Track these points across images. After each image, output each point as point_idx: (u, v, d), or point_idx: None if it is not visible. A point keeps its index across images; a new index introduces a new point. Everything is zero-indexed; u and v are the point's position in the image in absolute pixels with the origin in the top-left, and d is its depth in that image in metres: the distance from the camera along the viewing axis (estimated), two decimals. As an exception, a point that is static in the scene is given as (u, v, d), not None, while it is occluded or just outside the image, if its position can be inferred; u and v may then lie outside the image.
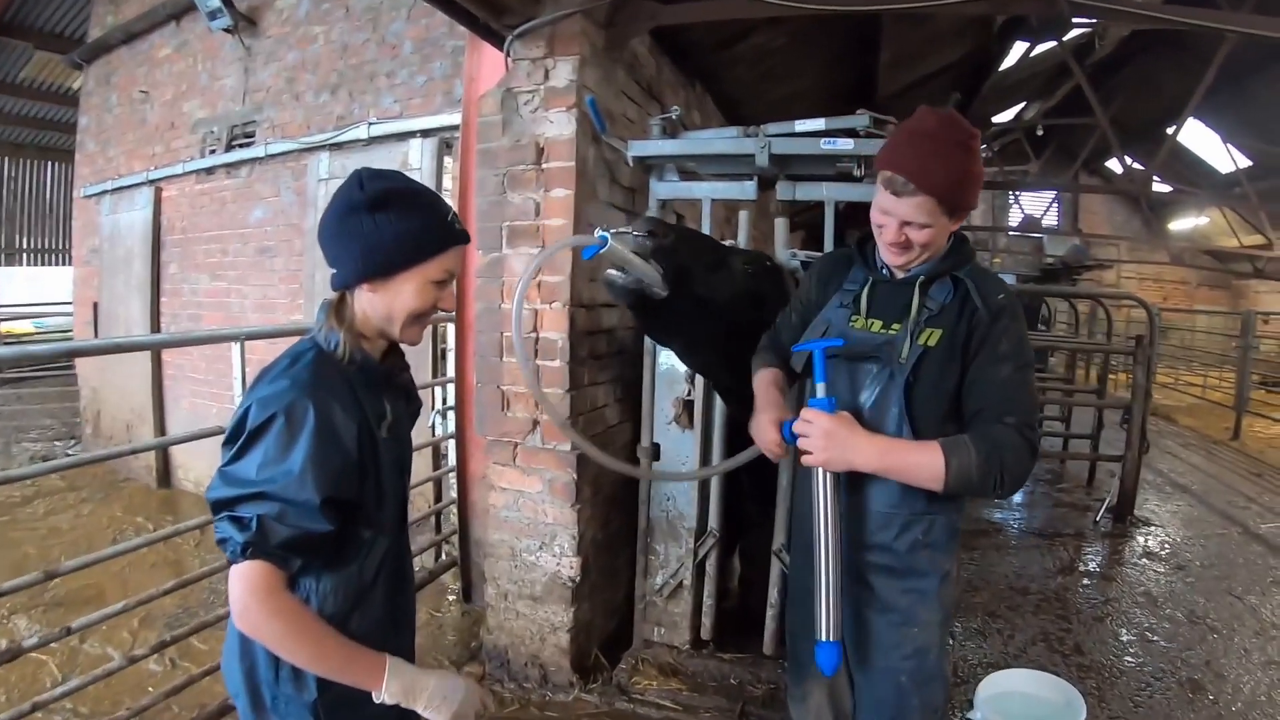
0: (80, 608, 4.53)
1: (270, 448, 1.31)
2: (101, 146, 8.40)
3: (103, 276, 8.29)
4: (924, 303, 1.76)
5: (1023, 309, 1.81)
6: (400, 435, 1.59)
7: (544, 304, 3.08)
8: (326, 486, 1.32)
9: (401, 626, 1.64)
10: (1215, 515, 6.08)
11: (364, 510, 1.45)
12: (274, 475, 1.30)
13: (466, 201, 3.75)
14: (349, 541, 1.45)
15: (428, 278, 1.44)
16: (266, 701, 1.45)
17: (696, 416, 3.19)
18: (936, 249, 1.76)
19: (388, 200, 1.40)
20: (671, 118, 3.17)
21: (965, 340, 1.71)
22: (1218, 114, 11.92)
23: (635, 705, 3.12)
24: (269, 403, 1.33)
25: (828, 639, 1.71)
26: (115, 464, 7.90)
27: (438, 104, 5.14)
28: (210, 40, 6.80)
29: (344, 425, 1.37)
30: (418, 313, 1.47)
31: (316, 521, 1.32)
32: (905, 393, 1.71)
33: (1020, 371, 1.69)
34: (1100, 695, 3.31)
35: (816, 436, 1.67)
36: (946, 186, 1.66)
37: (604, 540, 3.42)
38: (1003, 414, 1.65)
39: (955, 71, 7.63)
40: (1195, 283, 17.98)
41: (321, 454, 1.32)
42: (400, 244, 1.40)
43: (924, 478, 1.64)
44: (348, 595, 1.46)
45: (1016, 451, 1.62)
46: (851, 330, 1.83)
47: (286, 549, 1.31)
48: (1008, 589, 4.46)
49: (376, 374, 1.50)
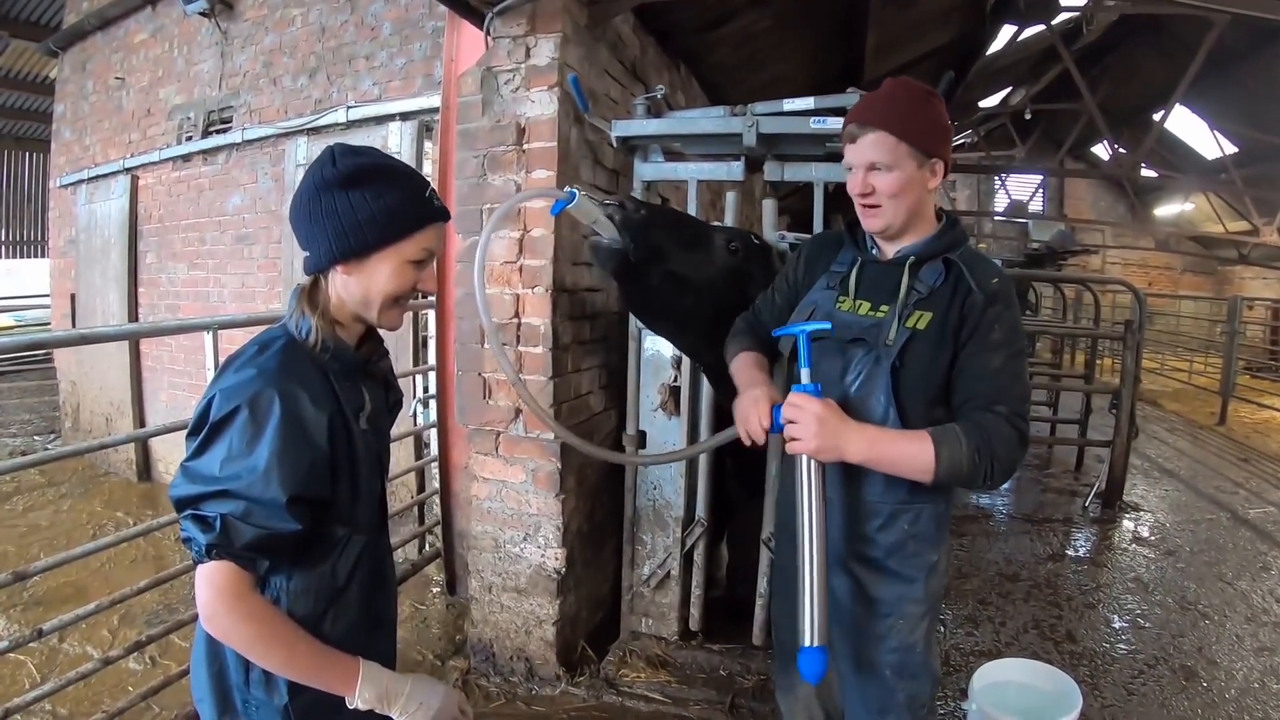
0: (59, 606, 4.47)
1: (234, 442, 1.24)
2: (78, 135, 8.27)
3: (80, 267, 8.17)
4: (913, 284, 1.70)
5: (1016, 294, 1.75)
6: (380, 427, 1.53)
7: (526, 289, 3.01)
8: (293, 484, 1.25)
9: (380, 628, 1.57)
10: (1203, 500, 6.09)
11: (337, 507, 1.38)
12: (238, 472, 1.23)
13: (446, 184, 3.67)
14: (321, 540, 1.38)
15: (405, 257, 1.36)
16: (237, 705, 1.38)
17: (683, 403, 3.13)
18: (910, 205, 1.70)
19: (362, 176, 1.32)
20: (656, 97, 3.10)
21: (957, 325, 1.65)
22: (1204, 100, 11.93)
23: (623, 698, 3.07)
24: (232, 394, 1.25)
25: (812, 644, 1.62)
26: (95, 458, 7.84)
27: (418, 86, 5.05)
28: (186, 24, 6.69)
29: (313, 418, 1.29)
30: (396, 295, 1.39)
31: (283, 521, 1.25)
32: (892, 377, 1.66)
33: (1012, 360, 1.64)
34: (1094, 683, 3.29)
35: (808, 422, 1.59)
36: (900, 121, 1.64)
37: (589, 531, 3.36)
38: (993, 402, 1.60)
39: (942, 56, 7.60)
40: (1180, 268, 18.09)
41: (288, 449, 1.25)
42: (376, 222, 1.32)
43: (913, 469, 1.59)
44: (319, 596, 1.39)
45: (1007, 442, 1.57)
46: (838, 312, 1.78)
47: (252, 550, 1.24)
48: (998, 576, 4.44)
49: (352, 362, 1.42)
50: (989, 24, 7.26)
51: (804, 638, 1.63)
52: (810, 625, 1.62)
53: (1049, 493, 6.19)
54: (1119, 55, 11.91)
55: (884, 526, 1.76)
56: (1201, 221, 16.09)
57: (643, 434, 3.25)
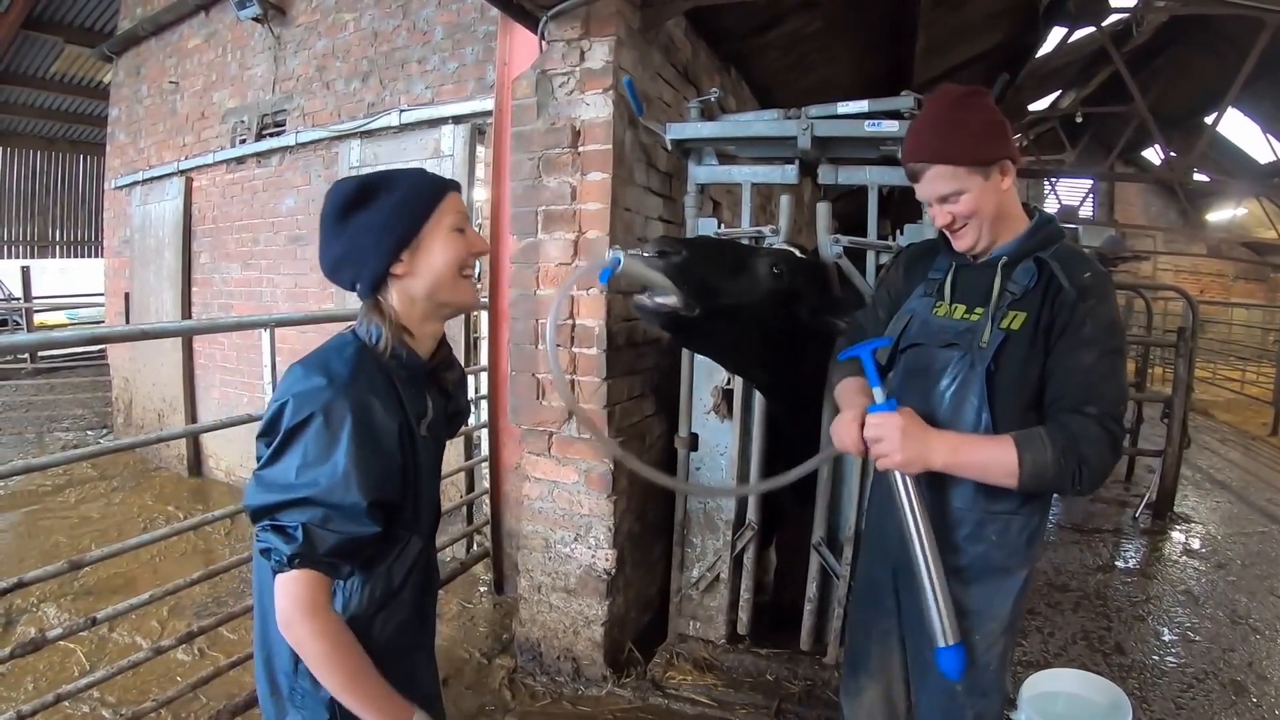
0: (109, 596, 4.56)
1: (310, 449, 1.26)
2: (132, 138, 8.45)
3: (134, 267, 8.35)
4: (1006, 285, 1.68)
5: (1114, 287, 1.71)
6: (438, 435, 1.56)
7: (580, 290, 3.02)
8: (372, 489, 1.27)
9: (425, 625, 1.62)
10: (1255, 513, 5.93)
11: (402, 512, 1.41)
12: (316, 478, 1.25)
13: (500, 187, 3.71)
14: (385, 543, 1.40)
15: (446, 226, 1.40)
16: (284, 691, 1.42)
17: (736, 406, 3.12)
18: (992, 215, 1.68)
19: (366, 188, 1.37)
20: (710, 100, 3.11)
21: (1049, 325, 1.62)
22: (1257, 102, 11.69)
23: (669, 700, 3.07)
24: (306, 400, 1.27)
25: (946, 644, 1.64)
26: (146, 453, 8.00)
27: (470, 90, 5.09)
28: (239, 29, 6.82)
29: (384, 424, 1.32)
30: (457, 262, 1.41)
31: (363, 525, 1.27)
32: (986, 380, 1.64)
33: (1105, 358, 1.59)
34: (1142, 696, 3.23)
35: (891, 438, 1.59)
36: (948, 148, 1.64)
37: (640, 532, 3.37)
38: (1083, 403, 1.56)
39: (992, 59, 7.52)
40: (1232, 275, 17.69)
41: (364, 454, 1.27)
42: (407, 206, 1.37)
43: (997, 474, 1.56)
44: (374, 596, 1.42)
45: (1096, 445, 1.53)
46: (934, 318, 1.78)
47: (335, 555, 1.27)
48: (1047, 586, 4.36)
49: (420, 370, 1.45)
50: (1039, 26, 7.15)
51: (939, 638, 1.64)
52: (941, 626, 1.64)
53: (1099, 503, 6.06)
54: (1170, 57, 11.69)
55: (971, 536, 1.74)
56: (1254, 227, 15.76)
57: (695, 437, 3.25)
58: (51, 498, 6.90)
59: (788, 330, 2.49)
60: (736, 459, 3.15)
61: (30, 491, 6.96)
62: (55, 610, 4.60)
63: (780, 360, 2.63)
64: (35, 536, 6.00)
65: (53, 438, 9.24)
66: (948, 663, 1.64)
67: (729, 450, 3.18)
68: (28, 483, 7.05)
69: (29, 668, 3.77)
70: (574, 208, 3.02)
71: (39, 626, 4.22)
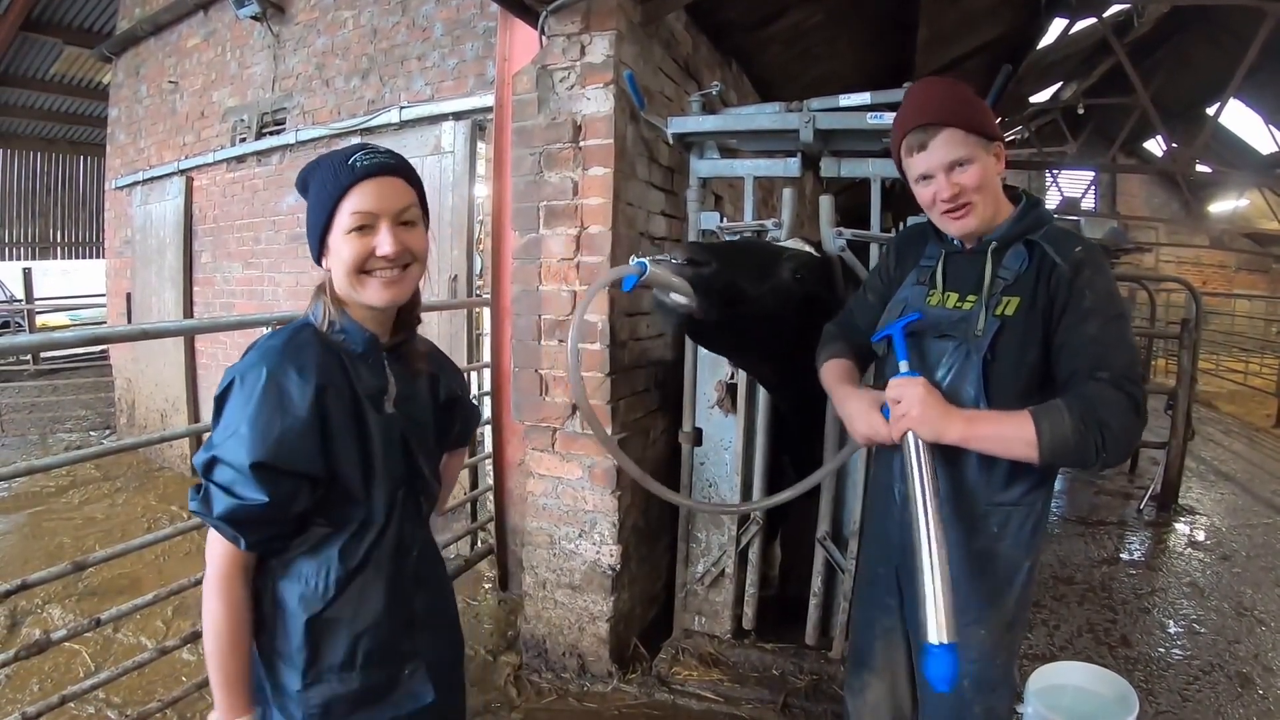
0: (114, 597, 4.55)
1: (228, 413, 1.31)
2: (132, 138, 8.45)
3: (135, 267, 8.35)
4: (997, 271, 1.66)
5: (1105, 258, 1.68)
6: (412, 412, 1.52)
7: (583, 285, 3.02)
8: (260, 449, 1.27)
9: (423, 628, 1.54)
10: (1260, 504, 5.92)
11: (340, 486, 1.38)
12: (223, 439, 1.29)
13: (502, 182, 3.70)
14: (325, 521, 1.39)
15: (343, 229, 1.37)
16: (268, 692, 1.45)
17: (740, 401, 3.12)
18: (993, 193, 1.67)
19: (306, 178, 1.43)
20: (711, 94, 3.10)
21: (1047, 305, 1.59)
22: (1259, 93, 11.67)
23: (675, 696, 3.06)
24: (233, 370, 1.34)
25: (938, 641, 1.43)
26: (149, 453, 7.99)
27: (470, 86, 5.08)
28: (238, 28, 6.81)
29: (297, 386, 1.31)
30: (352, 266, 1.38)
31: (250, 488, 1.27)
32: (983, 369, 1.62)
33: (1110, 324, 1.55)
34: (1148, 688, 3.23)
35: (911, 399, 1.57)
36: (961, 113, 1.63)
37: (644, 527, 3.36)
38: (1095, 370, 1.51)
39: (993, 50, 7.50)
40: (1234, 266, 17.66)
41: (263, 416, 1.28)
42: (313, 210, 1.40)
43: (1017, 448, 1.51)
44: (324, 579, 1.39)
45: (1115, 406, 1.47)
46: (928, 307, 1.75)
47: (226, 521, 1.28)
48: (1052, 578, 4.36)
49: (372, 345, 1.45)
50: (1041, 17, 7.14)
51: (929, 633, 1.45)
52: (935, 619, 1.45)
53: (1103, 495, 6.06)
54: (1171, 48, 11.69)
55: (974, 529, 1.72)
56: (1256, 218, 15.74)
57: (699, 431, 3.24)
58: (55, 499, 6.90)
59: (804, 332, 2.49)
60: (741, 453, 3.14)
61: (34, 493, 6.96)
62: (60, 611, 4.61)
63: (789, 357, 2.63)
64: (39, 538, 6.00)
65: (56, 439, 9.26)
66: (936, 666, 1.42)
67: (733, 445, 3.17)
68: (31, 484, 7.05)
69: (34, 669, 3.77)
70: (576, 203, 3.01)
71: (44, 628, 4.22)
